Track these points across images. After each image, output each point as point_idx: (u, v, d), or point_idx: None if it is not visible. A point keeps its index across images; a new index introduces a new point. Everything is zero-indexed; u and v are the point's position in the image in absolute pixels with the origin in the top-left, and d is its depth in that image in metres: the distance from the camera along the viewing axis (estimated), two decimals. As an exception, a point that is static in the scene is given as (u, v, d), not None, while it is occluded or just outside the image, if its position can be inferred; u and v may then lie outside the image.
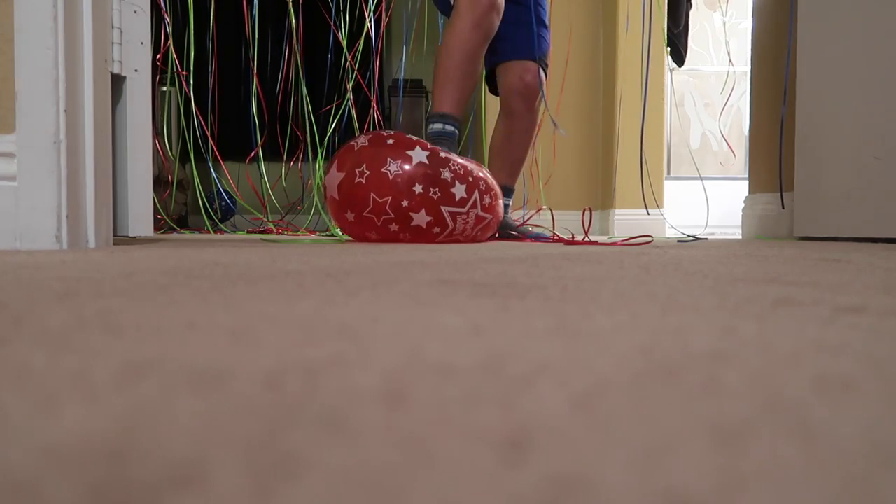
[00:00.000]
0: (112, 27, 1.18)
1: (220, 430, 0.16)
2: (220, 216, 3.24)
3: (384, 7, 3.08)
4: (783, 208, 2.20)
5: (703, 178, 3.36)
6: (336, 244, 1.35)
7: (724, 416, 0.18)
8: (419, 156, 1.40)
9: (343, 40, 3.02)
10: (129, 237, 1.33)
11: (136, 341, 0.27)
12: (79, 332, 0.29)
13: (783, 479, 0.14)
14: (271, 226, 2.78)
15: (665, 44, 2.61)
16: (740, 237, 2.50)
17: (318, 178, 3.07)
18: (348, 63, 2.96)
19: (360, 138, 1.47)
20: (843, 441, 0.16)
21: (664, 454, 0.15)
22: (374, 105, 3.08)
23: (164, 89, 3.21)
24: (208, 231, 2.97)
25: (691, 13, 2.60)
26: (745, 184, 2.58)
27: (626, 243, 1.56)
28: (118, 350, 0.25)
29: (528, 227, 1.88)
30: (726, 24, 4.33)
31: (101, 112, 1.09)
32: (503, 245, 1.42)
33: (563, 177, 3.50)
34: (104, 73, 1.12)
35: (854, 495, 0.13)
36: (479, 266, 0.71)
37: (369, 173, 1.39)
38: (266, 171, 3.12)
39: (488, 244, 1.45)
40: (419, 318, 0.34)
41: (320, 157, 3.04)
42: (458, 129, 1.68)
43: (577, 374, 0.22)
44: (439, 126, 1.65)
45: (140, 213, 1.28)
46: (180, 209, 3.21)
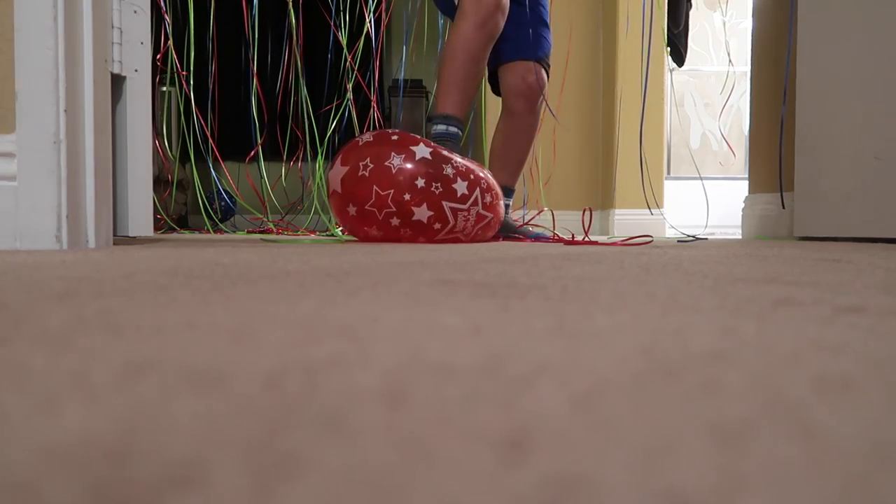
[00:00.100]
0: (112, 27, 1.18)
1: (220, 431, 0.16)
2: (220, 216, 3.24)
3: (384, 7, 3.08)
4: (783, 208, 2.20)
5: (703, 178, 3.36)
6: (336, 244, 1.35)
7: (724, 416, 0.18)
8: (422, 151, 1.41)
9: (343, 40, 3.02)
10: (129, 237, 1.33)
11: (136, 341, 0.27)
12: (79, 332, 0.29)
13: (783, 479, 0.14)
14: (271, 226, 2.78)
15: (665, 44, 2.60)
16: (740, 237, 2.50)
17: (318, 178, 3.07)
18: (348, 63, 2.96)
19: (365, 135, 1.48)
20: (843, 441, 0.16)
21: (664, 454, 0.15)
22: (374, 105, 3.08)
23: (164, 89, 3.21)
24: (208, 231, 2.97)
25: (691, 13, 2.60)
26: (745, 184, 2.58)
27: (626, 243, 1.56)
28: (118, 350, 0.25)
29: (528, 228, 1.89)
30: (726, 24, 4.33)
31: (101, 112, 1.09)
32: (503, 245, 1.42)
33: (563, 177, 3.50)
34: (104, 73, 1.12)
35: (854, 495, 0.13)
36: (479, 266, 0.71)
37: (373, 167, 1.40)
38: (266, 171, 3.12)
39: (488, 244, 1.45)
40: (419, 318, 0.34)
41: (320, 157, 3.04)
42: (461, 131, 1.68)
43: (577, 374, 0.22)
44: (442, 127, 1.65)
45: (140, 212, 1.28)
46: (180, 209, 3.21)
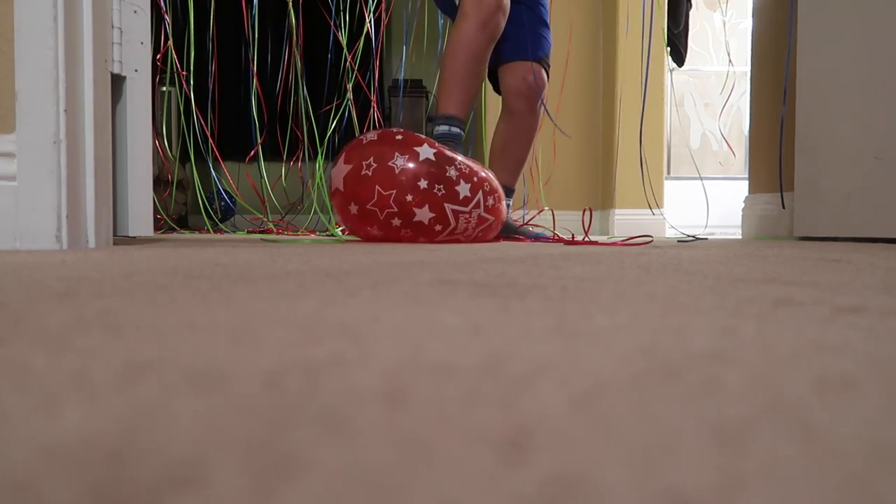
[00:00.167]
0: (112, 27, 1.18)
1: (220, 431, 0.16)
2: (220, 216, 3.24)
3: (384, 7, 3.08)
4: (783, 208, 2.20)
5: (703, 178, 3.36)
6: (336, 244, 1.35)
7: (724, 416, 0.18)
8: (426, 152, 1.41)
9: (343, 40, 3.02)
10: (129, 237, 1.33)
11: (136, 341, 0.27)
12: (79, 332, 0.29)
13: (783, 479, 0.14)
14: (271, 226, 2.78)
15: (665, 44, 2.60)
16: (740, 237, 2.50)
17: (318, 178, 3.07)
18: (348, 63, 2.96)
19: (369, 134, 1.48)
20: (843, 441, 0.16)
21: (664, 454, 0.15)
22: (374, 105, 3.08)
23: (164, 89, 3.21)
24: (208, 231, 2.97)
25: (691, 13, 2.60)
26: (745, 184, 2.58)
27: (626, 243, 1.56)
28: (118, 350, 0.25)
29: (528, 227, 1.89)
30: (726, 24, 4.33)
31: (101, 112, 1.09)
32: (503, 245, 1.42)
33: (563, 177, 3.50)
34: (104, 73, 1.12)
35: (854, 495, 0.13)
36: (479, 266, 0.71)
37: (376, 166, 1.39)
38: (266, 171, 3.12)
39: (488, 244, 1.45)
40: (419, 318, 0.34)
41: (320, 157, 3.04)
42: (463, 131, 1.68)
43: (577, 374, 0.22)
44: (445, 128, 1.65)
45: (140, 212, 1.28)
46: (180, 209, 3.21)
